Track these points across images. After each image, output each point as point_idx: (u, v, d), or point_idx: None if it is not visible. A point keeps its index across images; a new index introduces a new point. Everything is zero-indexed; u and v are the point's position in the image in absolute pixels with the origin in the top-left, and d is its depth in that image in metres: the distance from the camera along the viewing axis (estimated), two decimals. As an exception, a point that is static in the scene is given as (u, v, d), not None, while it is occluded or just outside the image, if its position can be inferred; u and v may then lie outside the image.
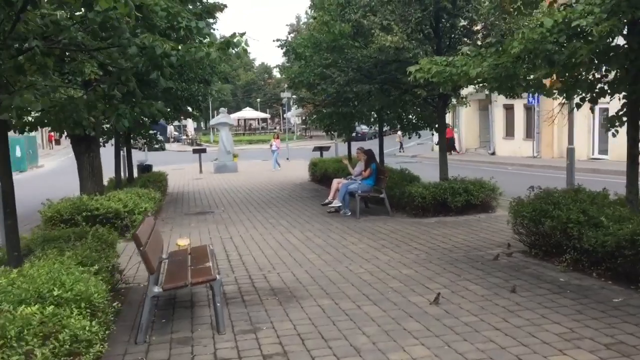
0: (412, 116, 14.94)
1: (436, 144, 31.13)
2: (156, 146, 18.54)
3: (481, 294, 5.73)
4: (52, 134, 15.67)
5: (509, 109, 29.33)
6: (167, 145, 54.23)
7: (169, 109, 13.07)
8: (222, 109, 27.61)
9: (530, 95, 26.45)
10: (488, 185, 11.20)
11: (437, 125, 11.82)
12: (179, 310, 5.78)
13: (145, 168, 20.02)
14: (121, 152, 14.73)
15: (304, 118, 75.28)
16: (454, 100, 12.84)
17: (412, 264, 7.20)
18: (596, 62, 5.88)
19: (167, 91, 11.94)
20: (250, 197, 16.01)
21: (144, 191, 11.50)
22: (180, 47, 5.12)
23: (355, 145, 18.50)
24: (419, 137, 17.87)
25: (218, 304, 5.00)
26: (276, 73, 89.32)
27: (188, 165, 29.47)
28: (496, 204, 11.26)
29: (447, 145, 34.79)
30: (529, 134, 27.31)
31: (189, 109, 14.35)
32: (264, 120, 76.45)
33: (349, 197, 11.75)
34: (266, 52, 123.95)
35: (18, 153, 32.66)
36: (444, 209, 10.93)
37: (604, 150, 23.12)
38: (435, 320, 5.08)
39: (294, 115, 64.81)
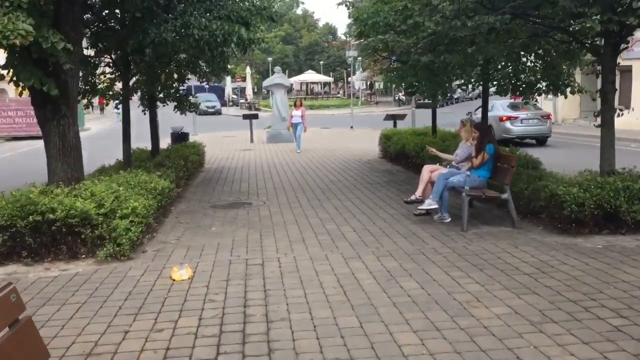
0: (529, 73, 10.47)
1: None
2: (196, 109, 14.70)
3: None
4: (102, 98, 12.30)
5: (625, 71, 23.93)
6: (223, 109, 51.66)
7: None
8: (277, 68, 23.61)
9: (661, 53, 21.15)
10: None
11: (601, 86, 7.40)
12: None
13: (179, 137, 16.52)
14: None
15: (369, 82, 71.06)
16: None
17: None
18: None
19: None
20: (303, 180, 12.14)
21: (143, 177, 7.80)
22: None
23: (424, 116, 14.23)
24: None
25: None
26: (341, 35, 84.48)
27: (241, 132, 25.86)
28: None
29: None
30: (655, 102, 21.99)
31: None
32: (327, 84, 72.17)
33: (448, 195, 7.67)
34: (331, 12, 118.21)
35: (59, 115, 30.08)
36: (609, 222, 6.69)
37: None
38: None
39: (359, 80, 60.24)
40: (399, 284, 5.20)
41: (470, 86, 11.14)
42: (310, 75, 65.41)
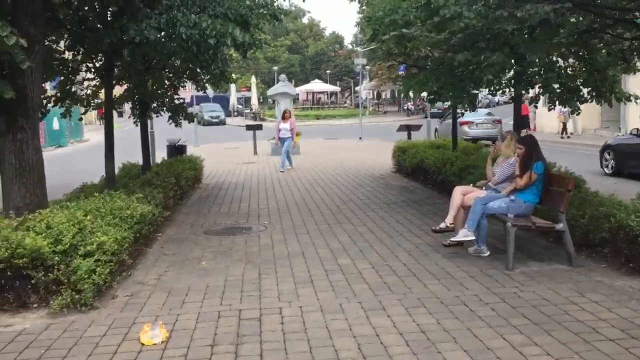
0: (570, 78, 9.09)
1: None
2: (192, 120, 13.34)
3: None
4: (102, 109, 11.16)
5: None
6: (228, 120, 50.49)
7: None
8: (282, 76, 22.35)
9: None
10: None
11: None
12: None
13: (177, 150, 15.26)
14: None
15: (377, 92, 69.65)
16: None
17: None
18: None
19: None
20: (310, 198, 10.84)
21: (118, 202, 6.50)
22: None
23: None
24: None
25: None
26: (348, 44, 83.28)
27: (244, 143, 24.62)
28: None
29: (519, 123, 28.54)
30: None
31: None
32: (333, 94, 70.88)
33: (487, 223, 6.34)
34: (337, 22, 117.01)
35: (55, 126, 28.97)
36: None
37: None
38: None
39: (366, 89, 58.91)
40: (442, 355, 3.87)
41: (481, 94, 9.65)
42: (316, 85, 64.20)
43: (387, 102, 67.50)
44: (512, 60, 7.88)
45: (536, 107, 9.90)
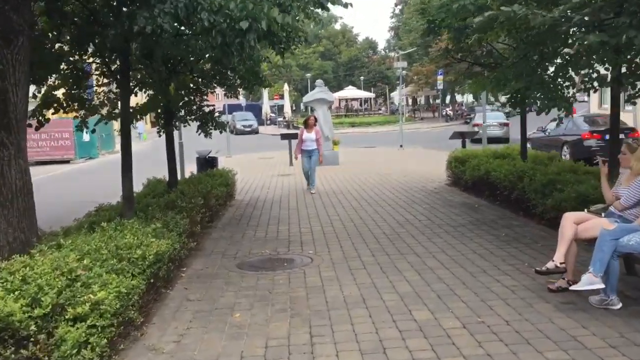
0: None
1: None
2: (224, 130, 11.81)
3: None
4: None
5: None
6: (261, 128, 49.34)
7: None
8: (318, 82, 20.81)
9: None
10: None
11: None
12: None
13: (207, 162, 13.92)
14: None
15: (412, 98, 67.70)
16: None
17: None
18: None
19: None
20: (359, 219, 9.28)
21: (127, 238, 5.04)
22: None
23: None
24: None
25: None
26: (381, 50, 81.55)
27: (279, 152, 23.27)
28: None
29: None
30: None
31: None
32: (367, 100, 69.22)
33: (618, 266, 4.69)
34: (370, 27, 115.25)
35: (86, 137, 28.10)
36: None
37: None
38: None
39: (402, 95, 57.16)
40: None
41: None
42: (350, 91, 62.61)
43: (423, 108, 65.61)
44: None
45: (634, 103, 8.14)
